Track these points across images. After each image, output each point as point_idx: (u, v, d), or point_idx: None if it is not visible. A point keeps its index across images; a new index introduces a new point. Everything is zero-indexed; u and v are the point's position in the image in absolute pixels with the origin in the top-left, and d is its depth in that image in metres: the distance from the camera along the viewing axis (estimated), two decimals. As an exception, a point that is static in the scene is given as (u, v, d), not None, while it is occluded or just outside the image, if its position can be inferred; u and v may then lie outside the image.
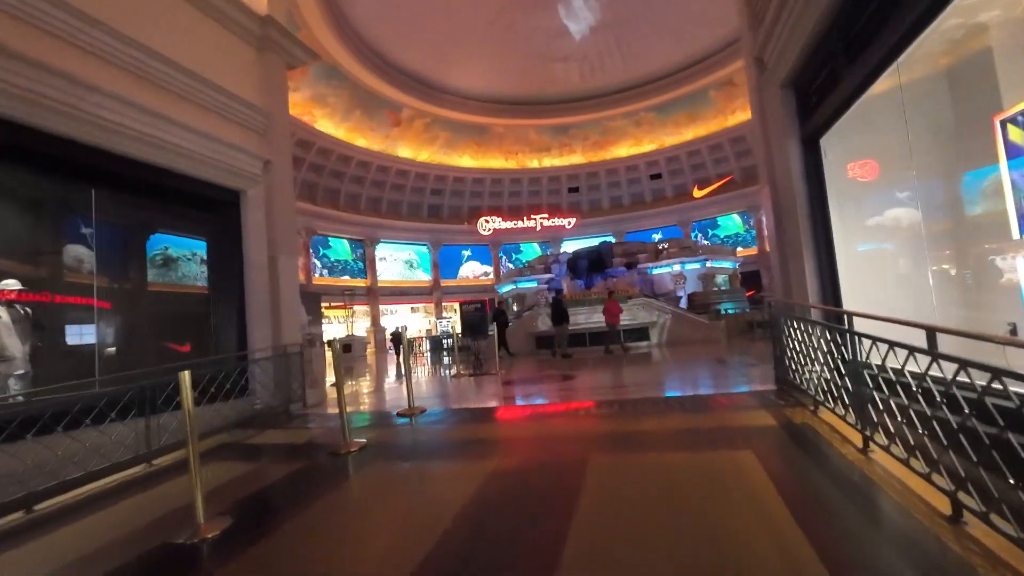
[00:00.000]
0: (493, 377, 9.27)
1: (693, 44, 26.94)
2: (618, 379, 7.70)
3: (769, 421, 4.39)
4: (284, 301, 7.20)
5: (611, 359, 11.62)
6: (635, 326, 14.12)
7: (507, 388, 7.64)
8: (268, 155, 7.27)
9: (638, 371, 8.74)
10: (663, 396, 5.56)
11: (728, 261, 21.92)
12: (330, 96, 25.75)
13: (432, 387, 8.79)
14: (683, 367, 8.99)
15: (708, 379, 6.88)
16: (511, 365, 11.82)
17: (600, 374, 8.85)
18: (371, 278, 30.24)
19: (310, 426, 6.05)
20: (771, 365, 7.89)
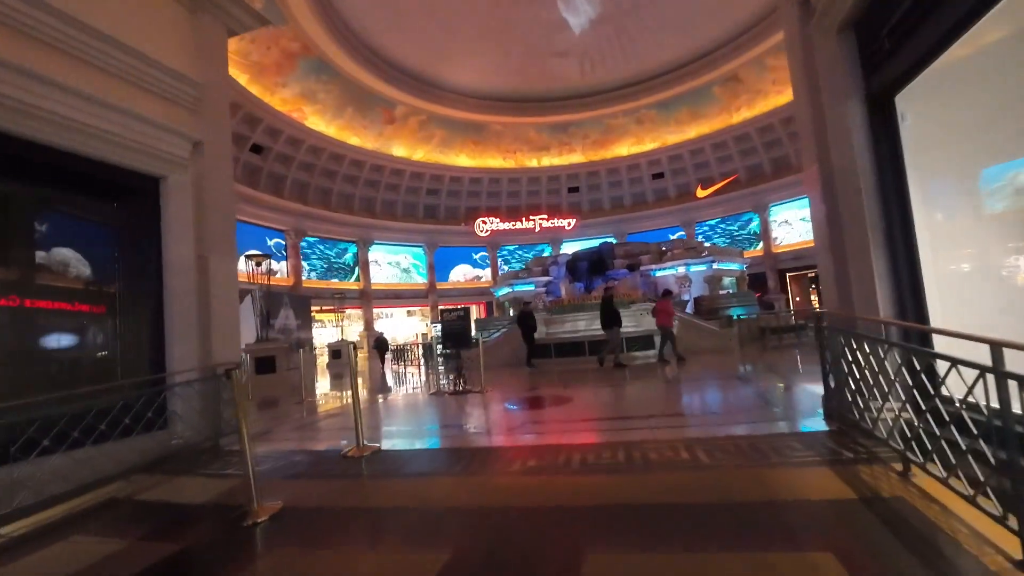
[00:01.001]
0: (477, 396, 7.91)
1: (697, 38, 25.59)
2: (621, 404, 6.33)
3: (842, 490, 3.01)
4: (217, 311, 5.86)
5: (608, 373, 10.24)
6: (639, 334, 12.73)
7: (487, 414, 6.28)
8: (199, 135, 5.93)
9: (644, 392, 7.37)
10: (682, 437, 4.21)
11: (735, 263, 20.54)
12: (320, 92, 24.47)
13: (401, 409, 7.43)
14: (698, 387, 7.61)
15: (733, 407, 5.51)
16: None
17: (600, 395, 7.48)
18: (364, 280, 28.93)
19: (229, 471, 4.69)
20: (802, 384, 6.51)
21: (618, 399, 6.70)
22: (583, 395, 7.40)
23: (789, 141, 28.22)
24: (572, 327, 13.74)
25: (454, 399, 7.87)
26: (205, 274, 5.82)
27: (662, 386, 7.85)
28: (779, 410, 5.06)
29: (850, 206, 4.01)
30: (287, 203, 25.63)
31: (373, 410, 7.46)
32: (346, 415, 7.35)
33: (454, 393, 8.25)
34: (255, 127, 23.31)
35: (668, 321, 11.23)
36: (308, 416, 7.43)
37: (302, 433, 6.07)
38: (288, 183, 25.91)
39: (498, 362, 13.43)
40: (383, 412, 7.29)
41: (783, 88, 27.09)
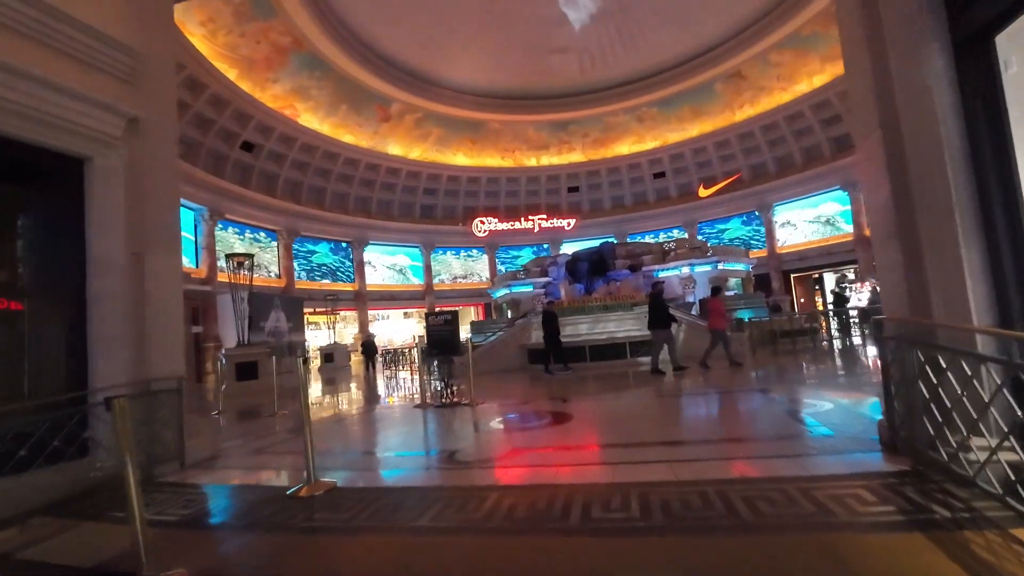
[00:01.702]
0: (466, 410, 6.98)
1: (699, 33, 24.71)
2: (632, 424, 5.40)
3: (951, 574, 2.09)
4: (155, 317, 4.93)
5: (616, 382, 9.31)
6: (643, 338, 11.79)
7: (473, 436, 5.34)
8: (136, 111, 5.01)
9: (657, 408, 6.44)
10: (712, 477, 3.29)
11: (741, 263, 19.62)
12: (313, 89, 23.58)
13: (375, 426, 6.50)
14: (717, 401, 6.68)
15: (767, 431, 4.57)
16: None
17: (606, 410, 6.56)
18: (359, 282, 28.01)
19: (150, 515, 3.77)
20: (834, 397, 5.59)
21: (629, 417, 5.76)
22: (586, 410, 6.47)
23: (793, 139, 27.33)
24: (573, 331, 12.82)
25: (439, 413, 6.94)
26: (140, 274, 4.89)
27: (675, 398, 6.92)
28: (824, 436, 4.13)
29: (929, 183, 3.08)
30: (280, 202, 24.73)
31: (342, 427, 6.53)
32: (321, 432, 6.42)
33: (441, 406, 7.33)
34: (245, 124, 22.42)
35: (721, 322, 9.90)
36: (275, 434, 6.50)
37: (256, 459, 5.14)
38: (280, 182, 25.01)
39: (495, 367, 12.52)
40: (353, 430, 6.37)
41: (787, 85, 26.22)
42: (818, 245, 27.47)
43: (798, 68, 25.30)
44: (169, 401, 4.93)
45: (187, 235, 21.09)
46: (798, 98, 26.05)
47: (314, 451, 3.89)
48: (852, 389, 6.42)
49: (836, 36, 18.06)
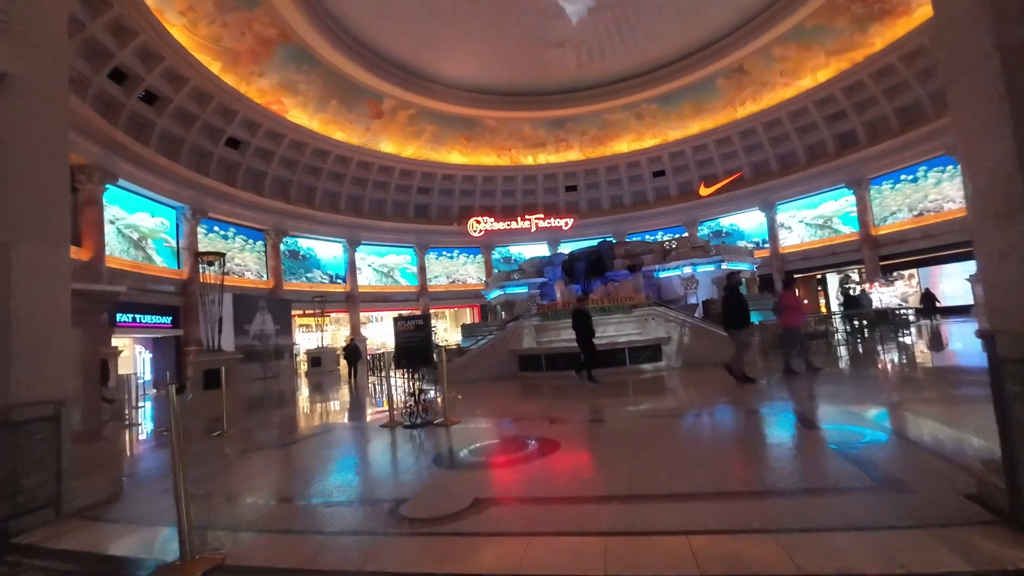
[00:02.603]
0: (439, 432, 5.85)
1: (700, 27, 23.61)
2: (632, 461, 4.26)
3: None
4: (23, 323, 3.81)
5: (615, 394, 8.17)
6: (645, 343, 10.67)
7: (431, 474, 4.19)
8: (5, 64, 3.89)
9: (662, 433, 5.30)
10: (753, 573, 2.17)
11: (745, 262, 18.46)
12: (301, 83, 22.48)
13: (317, 455, 5.35)
14: (731, 421, 5.55)
15: (814, 477, 3.40)
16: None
17: (602, 434, 5.43)
18: (351, 283, 26.88)
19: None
20: (879, 421, 4.45)
21: (628, 447, 4.60)
22: (579, 435, 5.33)
23: (797, 136, 26.20)
24: (569, 335, 11.64)
25: (406, 437, 5.81)
26: (6, 269, 3.77)
27: (679, 422, 5.78)
28: (901, 492, 3.00)
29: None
30: (267, 201, 23.62)
31: (278, 457, 5.39)
32: (252, 464, 5.28)
33: (411, 426, 6.19)
34: (230, 119, 21.32)
35: (799, 319, 8.23)
36: (206, 463, 5.37)
37: (161, 503, 3.99)
38: (268, 180, 23.90)
39: (483, 375, 11.38)
40: (290, 462, 5.23)
41: (791, 80, 25.10)
42: (822, 245, 26.37)
43: (802, 63, 24.19)
44: (43, 432, 3.81)
45: (167, 236, 20.00)
46: (801, 94, 24.95)
47: (191, 518, 2.74)
48: (899, 409, 5.28)
49: (841, 29, 16.83)
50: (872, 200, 24.50)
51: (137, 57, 17.29)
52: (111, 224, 17.47)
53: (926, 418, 4.70)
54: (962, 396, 5.65)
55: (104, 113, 16.99)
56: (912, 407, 5.30)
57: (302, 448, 5.69)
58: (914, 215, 23.23)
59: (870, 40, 22.15)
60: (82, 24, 15.25)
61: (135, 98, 17.95)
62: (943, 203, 22.35)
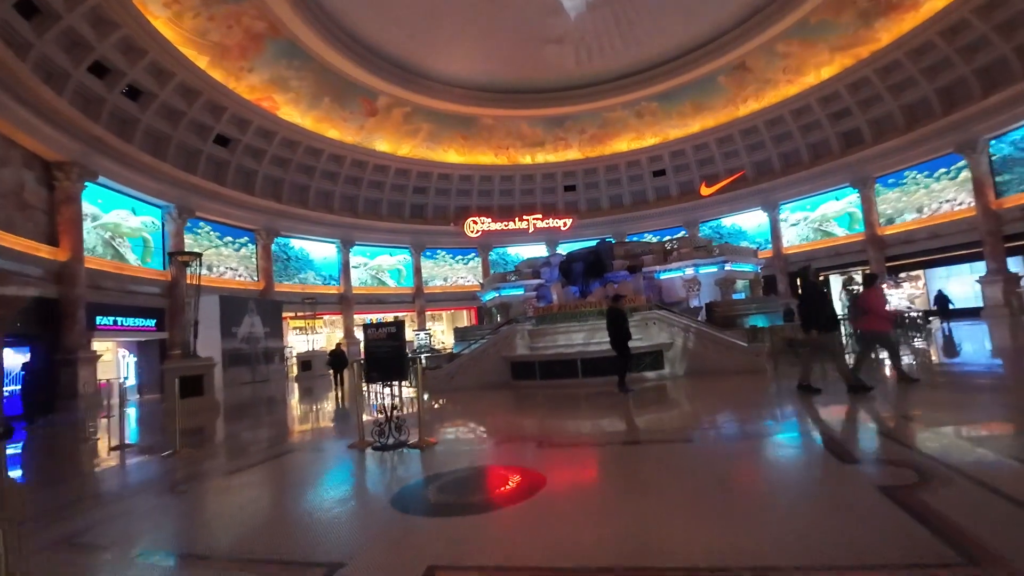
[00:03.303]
0: (411, 457, 5.04)
1: (701, 23, 22.83)
2: (651, 497, 3.43)
3: None
4: None
5: (621, 408, 7.37)
6: (646, 349, 9.86)
7: (388, 528, 3.39)
8: None
9: (682, 460, 4.49)
10: None
11: (749, 263, 17.69)
12: (292, 79, 21.70)
13: (262, 493, 4.54)
14: (765, 448, 4.74)
15: (889, 551, 2.55)
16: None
17: (606, 461, 4.62)
18: (344, 284, 26.08)
19: None
20: (937, 450, 3.60)
21: (636, 487, 3.78)
22: (572, 464, 4.53)
23: (800, 134, 25.40)
24: (566, 340, 10.88)
25: (372, 463, 5.01)
26: None
27: (689, 447, 4.97)
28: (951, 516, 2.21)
29: None
30: (258, 200, 22.83)
31: (212, 493, 4.58)
32: (181, 500, 4.46)
33: (381, 448, 5.38)
34: (219, 116, 20.54)
35: (884, 324, 6.96)
36: (131, 498, 4.57)
37: (51, 560, 3.19)
38: (259, 179, 23.12)
39: (474, 383, 10.58)
40: (225, 495, 4.42)
41: (794, 77, 24.31)
42: (826, 245, 25.57)
43: (806, 59, 23.40)
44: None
45: (151, 236, 19.21)
46: (805, 91, 24.17)
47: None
48: (958, 438, 4.46)
49: (846, 24, 15.66)
50: (878, 199, 23.70)
51: (119, 50, 16.52)
52: (92, 223, 16.69)
53: (960, 438, 3.90)
54: None
55: (84, 108, 16.21)
56: (937, 417, 4.50)
57: (247, 479, 4.88)
58: (921, 215, 22.43)
59: (876, 35, 21.37)
60: (58, 15, 14.47)
61: (118, 93, 17.17)
62: (951, 203, 21.56)
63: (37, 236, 14.46)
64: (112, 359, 18.89)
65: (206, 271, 21.25)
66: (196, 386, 10.92)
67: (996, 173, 19.97)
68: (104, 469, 6.01)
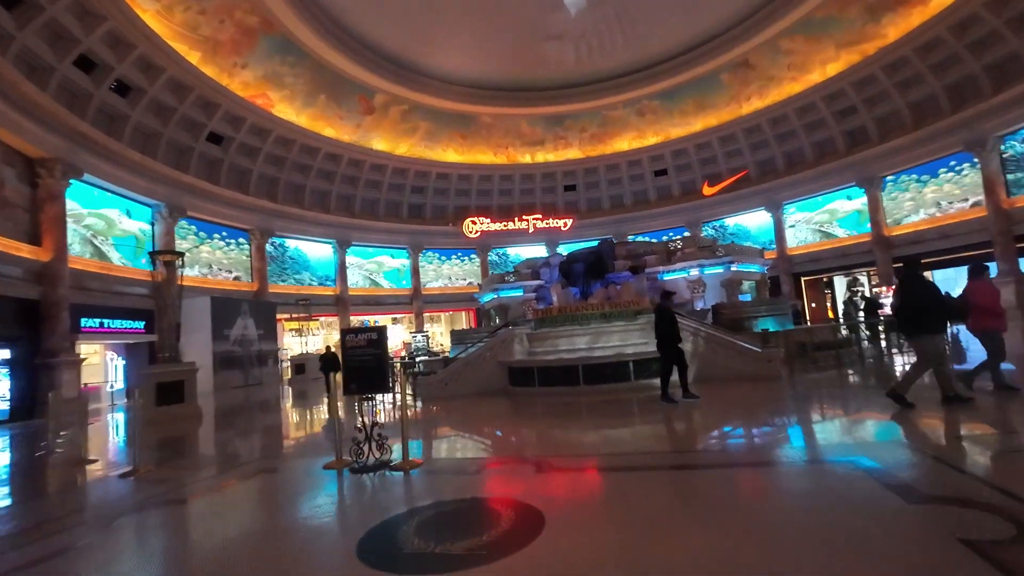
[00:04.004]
0: (393, 483, 4.38)
1: (704, 19, 22.19)
2: (677, 546, 2.79)
3: None
4: None
5: (627, 418, 6.71)
6: (651, 355, 9.18)
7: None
8: None
9: (712, 491, 3.83)
10: None
11: (756, 264, 17.02)
12: (287, 76, 21.08)
13: (217, 529, 3.88)
14: (807, 478, 4.08)
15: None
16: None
17: (617, 491, 3.96)
18: (341, 285, 25.41)
19: None
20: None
21: (659, 531, 3.11)
22: (576, 495, 3.86)
23: (805, 133, 24.74)
24: (568, 345, 10.21)
25: (348, 488, 4.35)
26: None
27: (754, 483, 4.30)
28: None
29: None
30: (252, 199, 22.18)
31: (167, 523, 3.93)
32: (108, 550, 3.79)
33: (360, 469, 4.72)
34: (211, 113, 19.90)
35: (997, 322, 5.73)
36: (72, 530, 3.91)
37: None
38: (254, 178, 22.47)
39: (469, 390, 9.91)
40: (165, 535, 3.76)
41: (799, 74, 23.65)
42: (832, 246, 24.88)
43: (810, 56, 22.76)
44: None
45: (141, 234, 18.54)
46: (809, 88, 23.49)
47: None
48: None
49: (852, 20, 14.64)
50: (885, 199, 23.02)
51: (106, 44, 15.88)
52: (78, 222, 16.05)
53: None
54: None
55: (70, 103, 15.58)
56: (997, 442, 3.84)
57: (196, 509, 4.22)
58: (930, 215, 21.75)
59: (883, 31, 20.72)
60: (41, 6, 13.84)
61: (106, 88, 16.53)
62: (961, 202, 20.88)
63: (18, 235, 13.83)
64: (100, 362, 18.25)
65: (198, 272, 20.71)
66: (176, 392, 10.28)
67: (1007, 172, 19.31)
68: (43, 492, 5.34)
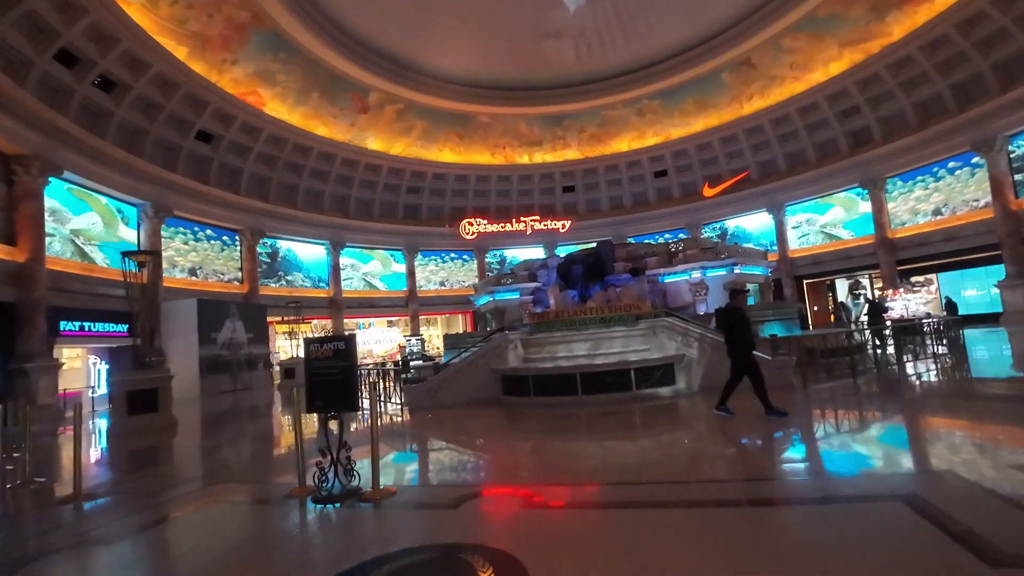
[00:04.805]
0: (360, 517, 3.72)
1: (705, 16, 21.62)
2: None
3: None
4: None
5: (634, 438, 6.05)
6: (654, 363, 8.54)
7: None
8: None
9: (750, 530, 3.17)
10: None
11: (759, 267, 16.35)
12: (279, 73, 20.44)
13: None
14: (859, 521, 3.41)
15: None
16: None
17: (627, 537, 3.30)
18: (335, 287, 24.73)
19: None
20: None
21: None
22: (573, 540, 3.19)
23: (807, 133, 24.16)
24: (567, 351, 9.55)
25: (302, 525, 3.68)
26: None
27: (815, 530, 3.63)
28: None
29: None
30: (243, 199, 21.51)
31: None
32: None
33: (325, 499, 4.05)
34: (200, 111, 19.25)
35: None
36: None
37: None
38: (245, 177, 21.81)
39: (460, 399, 9.23)
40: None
41: (801, 74, 23.08)
42: (834, 249, 24.29)
43: (813, 55, 22.19)
44: None
45: (125, 235, 17.85)
46: (812, 88, 22.93)
47: None
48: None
49: (856, 18, 13.78)
50: (889, 201, 22.44)
51: (88, 38, 15.22)
52: (56, 221, 15.36)
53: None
54: None
55: (51, 99, 14.92)
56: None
57: (122, 554, 3.54)
58: (935, 216, 21.16)
59: (887, 29, 20.16)
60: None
61: (88, 84, 15.87)
62: (967, 204, 20.30)
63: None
64: (82, 367, 17.53)
65: (188, 275, 20.04)
66: (149, 401, 9.59)
67: (1016, 172, 18.74)
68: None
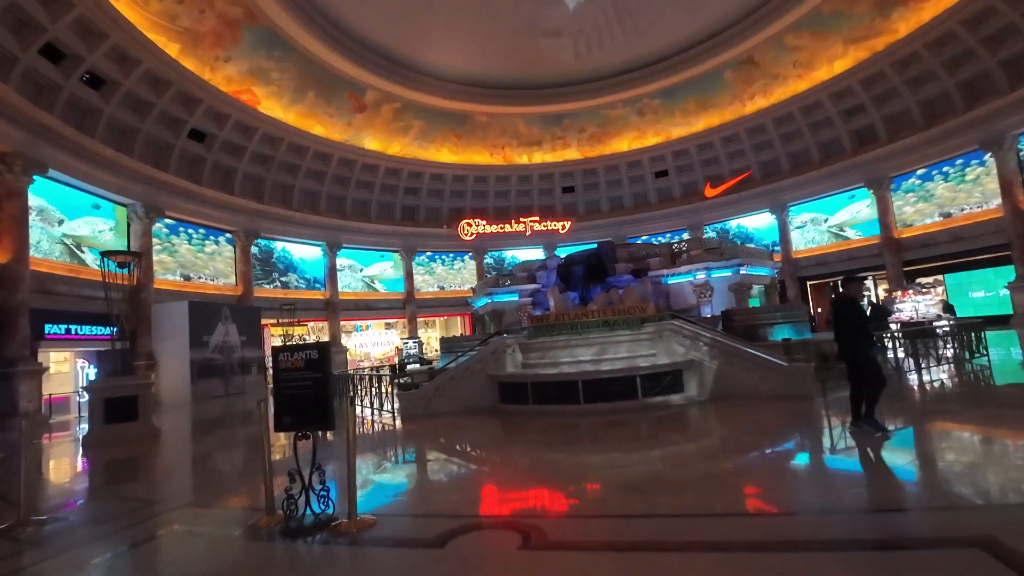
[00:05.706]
0: (331, 554, 3.17)
1: (707, 13, 21.12)
2: None
3: None
4: None
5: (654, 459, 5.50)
6: (662, 369, 7.99)
7: None
8: None
9: None
10: None
11: (765, 267, 15.85)
12: (273, 71, 19.92)
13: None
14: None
15: None
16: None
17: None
18: (331, 289, 24.16)
19: None
20: None
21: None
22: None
23: (810, 132, 23.66)
24: (569, 357, 9.00)
25: (274, 559, 3.13)
26: None
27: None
28: None
29: None
30: (237, 200, 20.96)
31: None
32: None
33: (292, 531, 3.50)
34: (193, 109, 18.71)
35: None
36: None
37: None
38: (239, 177, 21.26)
39: (454, 407, 8.66)
40: None
41: (804, 72, 22.59)
42: (838, 249, 23.77)
43: (817, 52, 21.70)
44: None
45: (114, 235, 17.30)
46: (816, 86, 22.43)
47: None
48: None
49: (861, 15, 12.97)
50: (894, 201, 21.93)
51: (75, 33, 14.69)
52: (42, 221, 14.83)
53: None
54: None
55: (36, 95, 14.40)
56: None
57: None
58: (942, 217, 20.65)
59: (893, 26, 19.68)
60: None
61: (75, 80, 15.34)
62: (975, 203, 19.79)
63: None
64: (70, 371, 16.96)
65: (180, 276, 19.49)
66: (128, 409, 9.03)
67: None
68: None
